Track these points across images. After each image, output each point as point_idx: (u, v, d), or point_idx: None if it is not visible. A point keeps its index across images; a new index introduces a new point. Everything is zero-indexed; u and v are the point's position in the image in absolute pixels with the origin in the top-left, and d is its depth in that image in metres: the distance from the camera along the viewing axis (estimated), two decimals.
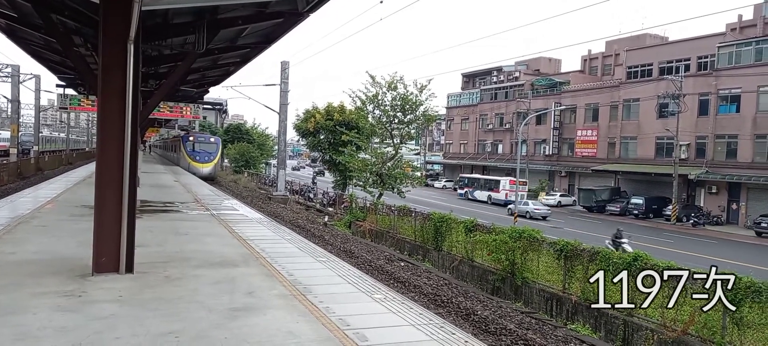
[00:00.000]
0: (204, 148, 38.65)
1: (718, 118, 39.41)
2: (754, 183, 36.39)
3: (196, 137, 39.62)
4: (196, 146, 38.36)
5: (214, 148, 39.61)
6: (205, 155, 38.03)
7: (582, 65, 63.63)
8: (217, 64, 17.10)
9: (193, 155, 37.64)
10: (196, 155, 37.69)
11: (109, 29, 6.71)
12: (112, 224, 6.74)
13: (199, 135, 41.17)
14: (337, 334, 5.20)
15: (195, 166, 36.62)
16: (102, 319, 5.28)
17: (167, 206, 14.76)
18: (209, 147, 39.19)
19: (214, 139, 41.50)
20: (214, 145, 39.89)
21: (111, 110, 6.75)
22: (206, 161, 37.76)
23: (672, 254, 22.32)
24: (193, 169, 35.70)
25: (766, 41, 37.76)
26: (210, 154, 38.60)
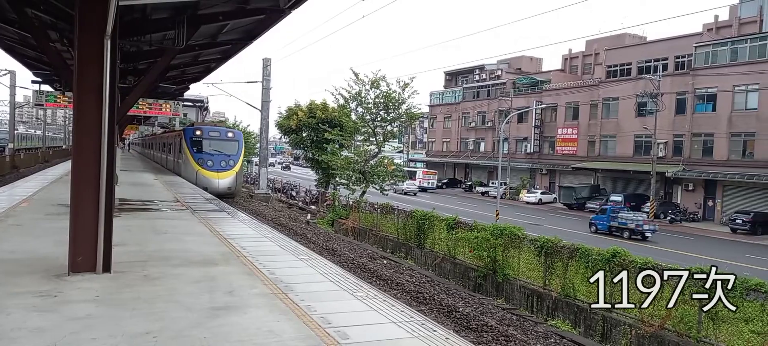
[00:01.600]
0: (219, 149, 25.49)
1: (695, 116, 40.15)
2: (730, 180, 37.17)
3: (206, 132, 26.15)
4: (206, 145, 25.45)
5: (234, 148, 26.10)
6: (220, 160, 25.02)
7: (563, 64, 64.33)
8: (198, 60, 16.92)
9: (201, 160, 24.85)
10: (207, 160, 24.83)
11: (85, 24, 6.59)
12: (88, 223, 6.62)
13: (211, 128, 27.33)
14: (318, 332, 5.18)
15: (205, 176, 24.16)
16: (78, 319, 5.18)
17: (147, 205, 14.57)
18: (227, 147, 25.92)
19: (234, 134, 27.50)
20: (233, 145, 26.30)
21: (87, 107, 6.63)
22: (222, 169, 24.88)
23: (650, 250, 22.71)
24: (202, 182, 23.62)
25: (742, 41, 38.56)
26: (229, 158, 25.32)
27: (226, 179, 24.70)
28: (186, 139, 25.64)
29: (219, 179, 24.22)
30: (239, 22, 11.91)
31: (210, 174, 24.25)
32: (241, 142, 26.71)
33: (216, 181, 24.06)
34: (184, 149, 25.58)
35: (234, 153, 25.70)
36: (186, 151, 25.35)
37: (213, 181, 23.94)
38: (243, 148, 26.83)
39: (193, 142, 25.26)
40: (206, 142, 25.49)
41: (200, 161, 24.51)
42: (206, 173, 24.24)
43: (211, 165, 24.49)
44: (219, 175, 24.46)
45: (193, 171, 24.56)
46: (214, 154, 24.95)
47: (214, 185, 23.58)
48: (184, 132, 26.23)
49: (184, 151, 25.57)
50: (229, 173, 24.94)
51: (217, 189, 23.29)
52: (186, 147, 25.37)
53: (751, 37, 38.72)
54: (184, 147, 25.74)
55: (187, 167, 25.33)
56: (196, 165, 24.50)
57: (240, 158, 25.98)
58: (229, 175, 24.93)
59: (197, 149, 24.99)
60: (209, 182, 23.68)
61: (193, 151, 24.89)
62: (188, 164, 25.08)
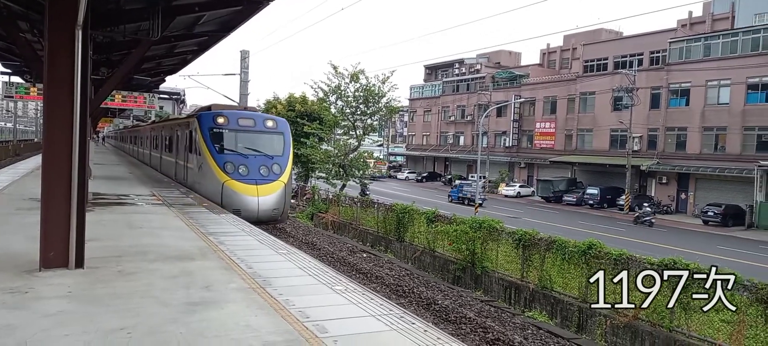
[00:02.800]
0: (255, 146, 16.55)
1: (669, 111, 40.93)
2: (702, 174, 38.04)
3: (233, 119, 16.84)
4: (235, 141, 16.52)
5: (278, 145, 17.07)
6: (260, 165, 16.19)
7: (541, 59, 64.94)
8: (174, 52, 16.63)
9: (230, 164, 15.87)
10: (239, 165, 15.94)
11: (56, 14, 6.42)
12: (60, 217, 6.48)
13: (240, 113, 17.76)
14: (296, 326, 5.15)
15: (237, 191, 15.44)
16: (50, 316, 5.07)
17: (122, 199, 14.32)
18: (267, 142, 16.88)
19: (276, 122, 17.82)
20: (277, 140, 17.16)
21: (58, 99, 6.47)
22: (264, 179, 16.01)
23: (624, 242, 23.13)
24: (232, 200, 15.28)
25: (714, 38, 39.39)
26: (271, 161, 16.43)
27: (271, 197, 15.44)
28: (202, 129, 16.15)
29: (259, 197, 15.07)
30: (216, 13, 11.73)
31: (245, 189, 15.14)
32: (287, 135, 17.17)
33: (254, 200, 14.98)
34: (200, 147, 16.23)
35: (279, 153, 16.46)
36: (204, 149, 15.98)
37: (250, 200, 14.96)
38: (291, 145, 17.27)
39: (213, 136, 16.00)
40: (235, 135, 16.28)
41: (228, 167, 15.43)
42: (239, 186, 15.17)
43: (246, 173, 15.49)
44: (259, 189, 15.26)
45: (215, 182, 15.39)
46: (249, 156, 15.83)
47: (251, 207, 14.85)
48: (198, 119, 16.64)
49: (201, 149, 16.24)
50: (274, 185, 15.72)
51: (256, 212, 14.78)
52: (203, 143, 15.99)
53: (723, 33, 39.59)
54: (199, 143, 16.36)
55: (205, 176, 16.04)
56: (222, 173, 15.31)
57: (288, 161, 16.56)
58: (274, 189, 15.64)
59: (221, 147, 15.91)
60: (244, 201, 14.92)
61: (215, 151, 15.75)
62: (208, 171, 15.84)
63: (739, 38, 37.23)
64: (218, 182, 15.40)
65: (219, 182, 15.39)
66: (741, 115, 36.35)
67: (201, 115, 16.96)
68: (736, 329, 9.87)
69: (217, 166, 15.63)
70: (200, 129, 16.42)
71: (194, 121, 17.13)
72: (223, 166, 15.57)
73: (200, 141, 16.35)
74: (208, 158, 15.92)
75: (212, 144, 16.00)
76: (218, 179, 15.44)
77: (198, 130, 16.54)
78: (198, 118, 16.90)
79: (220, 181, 15.37)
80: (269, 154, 16.34)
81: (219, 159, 15.76)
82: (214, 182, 15.60)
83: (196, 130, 16.72)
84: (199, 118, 16.76)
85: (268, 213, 15.50)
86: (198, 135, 16.54)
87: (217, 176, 15.53)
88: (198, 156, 16.73)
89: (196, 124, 16.72)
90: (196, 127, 16.70)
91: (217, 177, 15.51)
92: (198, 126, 16.57)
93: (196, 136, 16.72)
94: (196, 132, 16.72)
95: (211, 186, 15.70)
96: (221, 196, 15.23)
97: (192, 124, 17.47)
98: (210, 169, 15.81)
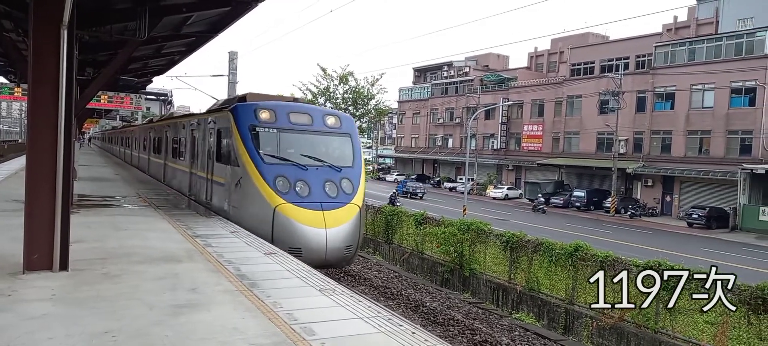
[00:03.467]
0: (316, 151, 11.97)
1: (654, 114, 41.41)
2: (686, 176, 38.52)
3: (282, 113, 11.96)
4: (284, 143, 11.79)
5: (345, 151, 12.32)
6: (324, 180, 11.34)
7: (529, 62, 65.39)
8: (161, 52, 16.49)
9: (278, 178, 10.96)
10: (297, 181, 11.05)
11: (41, 13, 6.35)
12: (44, 219, 6.40)
13: (292, 106, 12.67)
14: (283, 329, 5.14)
15: (293, 220, 10.52)
16: (34, 319, 5.01)
17: (107, 200, 14.17)
18: (331, 147, 12.32)
19: (339, 119, 12.74)
20: (343, 143, 12.44)
21: (43, 99, 6.40)
22: (331, 202, 11.06)
23: (610, 244, 23.34)
24: (288, 232, 10.44)
25: (699, 42, 39.95)
26: (338, 174, 11.58)
27: (343, 229, 10.89)
28: (240, 128, 11.58)
29: (328, 229, 10.58)
30: (204, 13, 11.65)
31: (308, 217, 10.63)
32: (355, 136, 12.79)
33: (321, 234, 10.51)
34: (238, 154, 11.55)
35: (348, 163, 11.98)
36: (243, 157, 11.33)
37: (314, 234, 10.48)
38: (361, 151, 13.02)
39: (257, 138, 11.49)
40: (287, 137, 11.82)
41: (281, 184, 10.92)
42: (298, 213, 10.63)
43: (306, 193, 10.99)
44: (326, 217, 10.75)
45: (262, 207, 10.86)
46: (309, 169, 11.35)
47: (317, 244, 10.44)
48: (234, 113, 11.92)
49: (238, 157, 11.54)
50: (347, 211, 11.14)
51: (323, 252, 10.43)
52: (243, 149, 11.40)
53: (707, 37, 40.19)
54: (236, 148, 11.65)
55: (246, 197, 11.39)
56: (273, 194, 10.80)
57: (361, 175, 12.10)
58: (347, 216, 11.07)
59: (268, 154, 11.34)
60: (306, 235, 10.45)
61: (260, 160, 11.18)
62: (250, 190, 11.20)
63: (723, 43, 37.79)
64: (267, 207, 10.62)
65: (268, 206, 10.60)
66: (725, 118, 36.88)
67: (238, 109, 11.89)
68: (719, 330, 10.01)
69: (266, 182, 10.80)
70: (237, 128, 11.51)
71: (226, 117, 12.18)
72: (273, 182, 10.78)
73: (238, 145, 11.42)
74: (250, 171, 11.05)
75: (256, 150, 11.22)
76: (267, 202, 10.65)
77: (234, 130, 11.60)
78: (233, 112, 11.86)
79: (269, 205, 10.59)
80: (336, 165, 11.64)
81: (267, 172, 10.93)
82: (259, 205, 10.82)
83: (231, 130, 11.78)
84: (236, 112, 11.79)
85: (339, 253, 10.70)
86: (234, 137, 11.60)
87: (264, 196, 10.73)
88: (233, 167, 11.76)
89: (231, 121, 11.81)
90: (231, 126, 11.78)
91: (264, 199, 10.71)
92: (234, 123, 11.65)
93: (231, 138, 11.80)
94: (231, 133, 11.76)
95: (256, 211, 10.92)
96: (272, 227, 10.46)
97: (222, 121, 12.59)
98: (253, 188, 10.95)
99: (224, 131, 12.46)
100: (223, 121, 12.54)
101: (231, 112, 12.03)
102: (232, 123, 11.83)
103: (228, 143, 12.16)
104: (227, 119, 12.19)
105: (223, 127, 12.53)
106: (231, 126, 11.88)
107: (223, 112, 12.75)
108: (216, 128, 13.11)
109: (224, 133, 12.48)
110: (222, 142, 12.69)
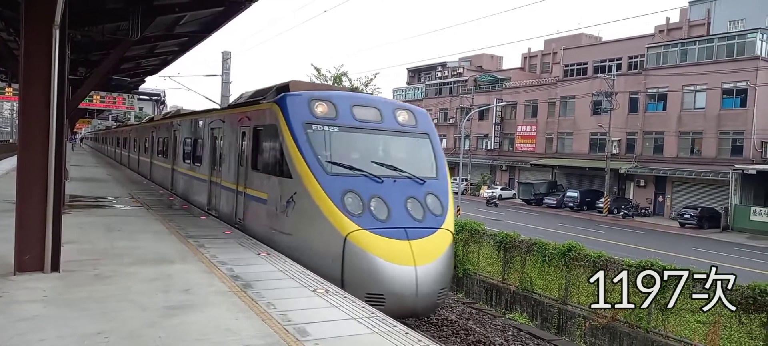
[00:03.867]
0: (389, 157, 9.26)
1: (647, 115, 41.65)
2: (678, 177, 38.77)
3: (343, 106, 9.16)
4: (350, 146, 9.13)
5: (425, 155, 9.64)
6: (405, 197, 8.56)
7: (522, 63, 65.61)
8: (154, 52, 16.43)
9: (347, 195, 8.18)
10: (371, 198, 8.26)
11: (32, 12, 6.31)
12: (35, 220, 6.36)
13: (353, 96, 10.24)
14: (277, 329, 5.13)
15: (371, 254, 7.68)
16: (25, 320, 4.98)
17: (99, 201, 14.09)
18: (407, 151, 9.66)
19: (414, 115, 9.90)
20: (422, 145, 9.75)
21: (34, 99, 6.36)
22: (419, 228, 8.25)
23: (602, 244, 23.42)
24: (362, 269, 7.68)
25: (691, 43, 40.23)
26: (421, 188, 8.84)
27: (436, 265, 8.16)
28: (292, 126, 8.91)
29: (418, 266, 7.82)
30: (197, 13, 11.62)
31: (391, 250, 7.84)
32: (435, 137, 10.16)
33: (410, 273, 7.79)
34: (291, 160, 8.79)
35: (430, 173, 9.46)
36: (298, 165, 8.64)
37: (401, 274, 7.76)
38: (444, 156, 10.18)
39: (316, 139, 8.84)
40: (354, 137, 9.36)
41: (350, 203, 8.26)
42: (377, 245, 7.85)
43: (385, 217, 8.29)
44: (415, 249, 7.95)
45: (329, 235, 8.12)
46: (384, 181, 8.73)
47: (404, 286, 7.76)
48: (281, 106, 9.24)
49: (291, 164, 8.79)
50: (438, 240, 8.44)
51: (412, 297, 7.80)
52: (296, 154, 8.69)
53: (699, 39, 40.48)
54: (287, 152, 8.85)
55: (303, 219, 8.69)
56: (343, 217, 8.07)
57: (448, 188, 9.49)
58: (439, 247, 8.37)
59: (331, 161, 8.71)
60: (389, 275, 7.74)
61: (321, 169, 8.54)
62: (310, 211, 8.46)
63: (715, 44, 38.07)
64: (334, 235, 7.94)
65: (336, 234, 7.91)
66: (716, 119, 37.14)
67: (287, 100, 9.09)
68: (711, 329, 10.07)
69: (331, 200, 8.09)
70: (288, 125, 8.79)
71: (271, 112, 9.42)
72: (341, 201, 8.09)
73: (290, 149, 8.69)
74: (309, 184, 8.32)
75: (315, 156, 8.49)
76: (334, 229, 7.96)
77: (283, 128, 8.85)
78: (281, 104, 9.12)
79: (338, 232, 7.90)
80: (417, 175, 8.94)
81: (333, 186, 8.24)
82: (323, 232, 8.12)
83: (279, 129, 8.99)
84: (284, 105, 9.04)
85: (431, 298, 8.06)
86: (284, 137, 8.82)
87: (330, 221, 8.03)
88: (281, 178, 8.98)
89: (278, 117, 9.04)
90: (278, 123, 9.00)
91: (330, 224, 8.02)
92: (283, 119, 8.91)
93: (279, 139, 9.00)
94: (279, 132, 8.98)
95: (317, 240, 8.26)
96: (342, 262, 7.79)
97: (262, 117, 9.89)
98: (314, 207, 8.24)
99: (266, 130, 9.74)
100: (265, 117, 9.78)
101: (278, 105, 9.20)
102: (281, 119, 8.95)
103: (272, 146, 9.39)
104: (272, 114, 9.33)
105: (264, 124, 9.81)
106: (278, 123, 9.00)
107: (264, 104, 10.03)
108: (251, 127, 10.39)
109: (266, 133, 9.75)
110: (261, 144, 9.98)
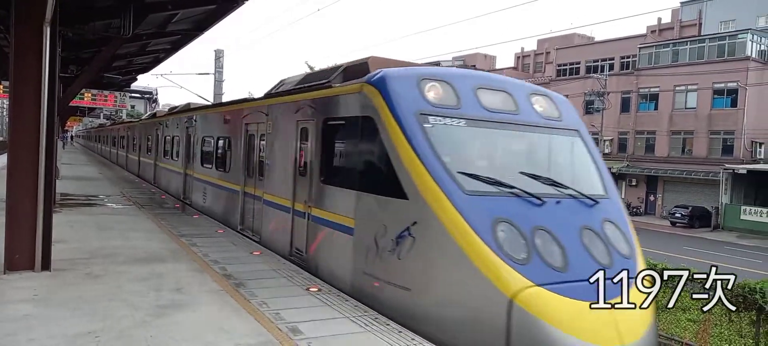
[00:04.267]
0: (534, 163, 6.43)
1: (639, 115, 41.90)
2: (670, 176, 39.05)
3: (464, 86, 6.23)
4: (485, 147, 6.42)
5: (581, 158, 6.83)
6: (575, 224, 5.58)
7: (515, 62, 65.77)
8: (146, 50, 16.34)
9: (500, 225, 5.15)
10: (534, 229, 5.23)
11: (23, 9, 6.27)
12: (26, 219, 6.32)
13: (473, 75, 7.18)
14: (270, 328, 5.12)
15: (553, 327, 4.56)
16: (15, 320, 4.94)
17: (90, 200, 14.00)
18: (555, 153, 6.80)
19: (552, 101, 7.17)
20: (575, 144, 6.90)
21: (25, 97, 6.32)
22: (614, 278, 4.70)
23: None
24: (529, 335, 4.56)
25: (682, 44, 40.52)
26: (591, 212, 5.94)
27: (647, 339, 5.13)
28: (399, 116, 5.86)
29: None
30: (189, 11, 11.57)
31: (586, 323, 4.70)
32: (585, 132, 7.34)
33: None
34: (405, 167, 5.67)
35: (595, 188, 6.50)
36: (419, 177, 5.52)
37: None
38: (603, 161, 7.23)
39: (440, 138, 5.77)
40: (487, 135, 6.34)
41: (510, 244, 5.11)
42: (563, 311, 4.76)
43: (561, 265, 5.14)
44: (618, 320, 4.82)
45: (483, 293, 4.93)
46: (543, 206, 5.62)
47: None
48: (380, 87, 6.19)
49: (407, 175, 5.63)
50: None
51: None
52: (414, 158, 5.59)
53: (690, 39, 40.77)
54: (398, 153, 5.75)
55: (433, 262, 5.41)
56: (503, 265, 4.94)
57: (624, 211, 6.80)
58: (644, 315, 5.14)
59: (463, 172, 5.58)
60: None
61: (455, 187, 5.39)
62: (447, 250, 5.23)
63: (706, 45, 38.36)
64: (493, 295, 4.98)
65: (495, 293, 4.96)
66: (707, 119, 37.42)
67: (388, 80, 6.30)
68: (701, 327, 10.16)
69: (478, 236, 5.18)
70: (394, 116, 6.01)
71: (362, 97, 6.57)
72: (493, 237, 5.20)
73: (401, 152, 5.85)
74: (440, 209, 5.42)
75: (442, 165, 5.65)
76: (491, 286, 5.00)
77: (388, 121, 6.05)
78: (378, 85, 6.34)
79: (498, 291, 4.95)
80: (587, 195, 6.24)
81: (476, 213, 5.39)
82: (471, 288, 5.15)
83: (381, 122, 6.15)
84: (382, 86, 6.28)
85: None
86: (389, 134, 6.02)
87: (481, 271, 5.06)
88: (390, 200, 6.02)
89: (376, 105, 6.27)
90: (378, 114, 6.20)
91: (483, 277, 5.05)
92: (385, 108, 6.14)
93: (381, 137, 6.14)
94: (381, 125, 6.14)
95: (460, 300, 5.27)
96: (506, 340, 4.86)
97: (346, 104, 7.09)
98: (451, 247, 5.29)
99: (348, 124, 6.94)
100: (346, 106, 7.04)
101: (375, 86, 6.33)
102: (382, 108, 6.14)
103: (364, 148, 6.61)
104: (364, 101, 6.50)
105: (345, 116, 7.08)
106: (378, 114, 6.18)
107: (348, 87, 7.03)
108: (320, 120, 7.48)
109: (349, 128, 6.94)
110: (339, 144, 7.30)
